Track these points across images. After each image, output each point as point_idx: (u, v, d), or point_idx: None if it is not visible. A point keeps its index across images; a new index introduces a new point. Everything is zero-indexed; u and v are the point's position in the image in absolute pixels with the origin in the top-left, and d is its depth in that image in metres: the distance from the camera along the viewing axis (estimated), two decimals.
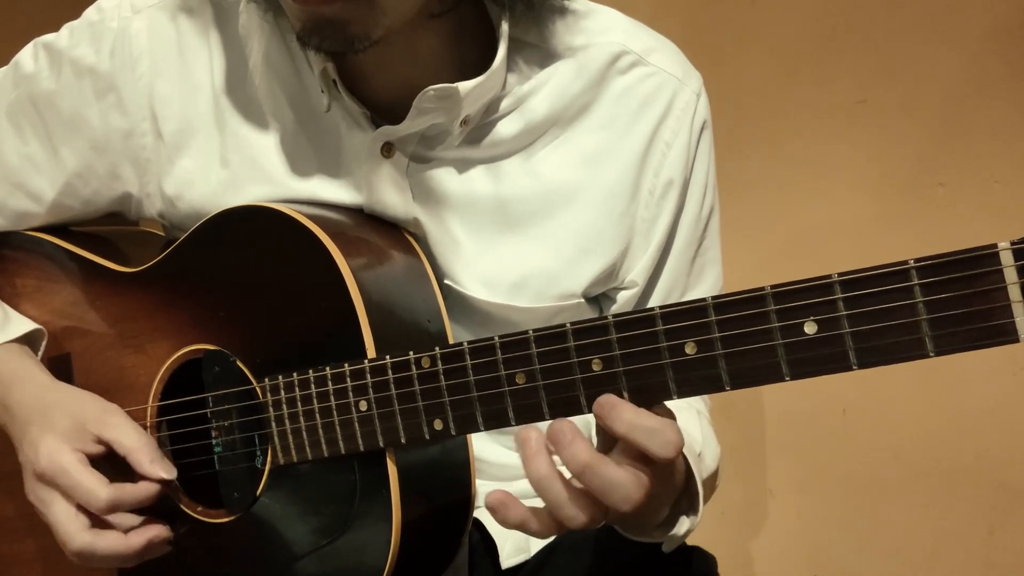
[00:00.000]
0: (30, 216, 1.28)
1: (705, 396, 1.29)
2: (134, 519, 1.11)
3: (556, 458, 0.89)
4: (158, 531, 1.12)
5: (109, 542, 1.09)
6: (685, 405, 1.18)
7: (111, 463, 1.12)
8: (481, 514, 1.22)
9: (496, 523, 1.20)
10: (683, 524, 1.06)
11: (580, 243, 1.17)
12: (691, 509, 1.07)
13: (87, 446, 1.11)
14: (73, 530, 1.09)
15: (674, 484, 1.00)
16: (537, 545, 1.25)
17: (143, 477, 1.10)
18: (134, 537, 1.10)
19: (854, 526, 2.03)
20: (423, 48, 1.11)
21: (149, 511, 1.13)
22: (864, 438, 2.00)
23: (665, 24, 1.28)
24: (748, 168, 2.04)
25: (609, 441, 0.90)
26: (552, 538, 1.24)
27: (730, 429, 2.09)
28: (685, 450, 1.03)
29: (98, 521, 1.10)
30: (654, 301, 1.22)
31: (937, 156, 1.90)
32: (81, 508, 1.09)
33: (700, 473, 1.07)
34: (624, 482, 0.86)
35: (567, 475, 0.89)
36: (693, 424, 1.15)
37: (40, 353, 1.27)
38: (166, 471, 1.10)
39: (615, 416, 0.86)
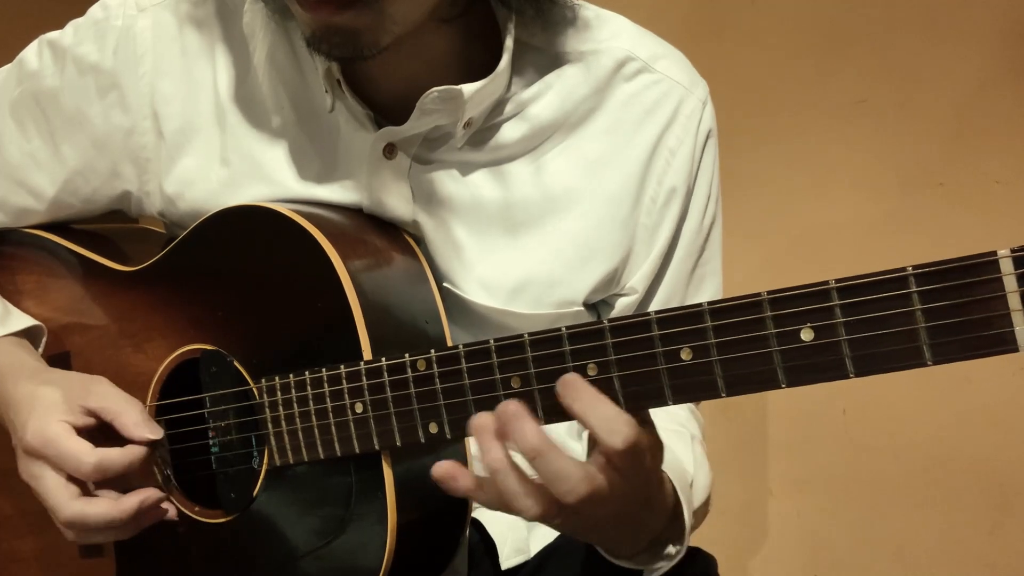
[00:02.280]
0: (30, 213, 1.28)
1: (699, 415, 1.28)
2: (125, 487, 1.11)
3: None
4: (149, 493, 1.11)
5: (101, 508, 1.09)
6: (677, 428, 1.18)
7: (102, 434, 1.12)
8: (481, 515, 1.21)
9: (496, 524, 1.21)
10: (669, 550, 1.05)
11: (581, 249, 1.17)
12: (678, 539, 1.06)
13: (74, 417, 1.11)
14: (63, 499, 1.09)
15: (657, 507, 1.00)
16: (536, 546, 1.25)
17: (129, 440, 1.10)
18: (125, 501, 1.10)
19: (854, 526, 2.03)
20: (430, 50, 1.11)
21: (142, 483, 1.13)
22: (864, 438, 2.00)
23: (665, 24, 1.28)
24: (748, 168, 2.04)
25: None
26: (551, 540, 1.25)
27: (730, 429, 2.10)
28: (676, 481, 1.03)
29: (88, 491, 1.10)
30: (652, 309, 1.22)
31: (937, 156, 1.90)
32: (72, 478, 1.09)
33: (690, 503, 1.06)
34: (572, 474, 0.86)
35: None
36: (685, 451, 1.14)
37: (40, 350, 1.27)
38: (152, 432, 1.10)
39: (575, 395, 0.87)
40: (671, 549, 1.05)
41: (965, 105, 1.86)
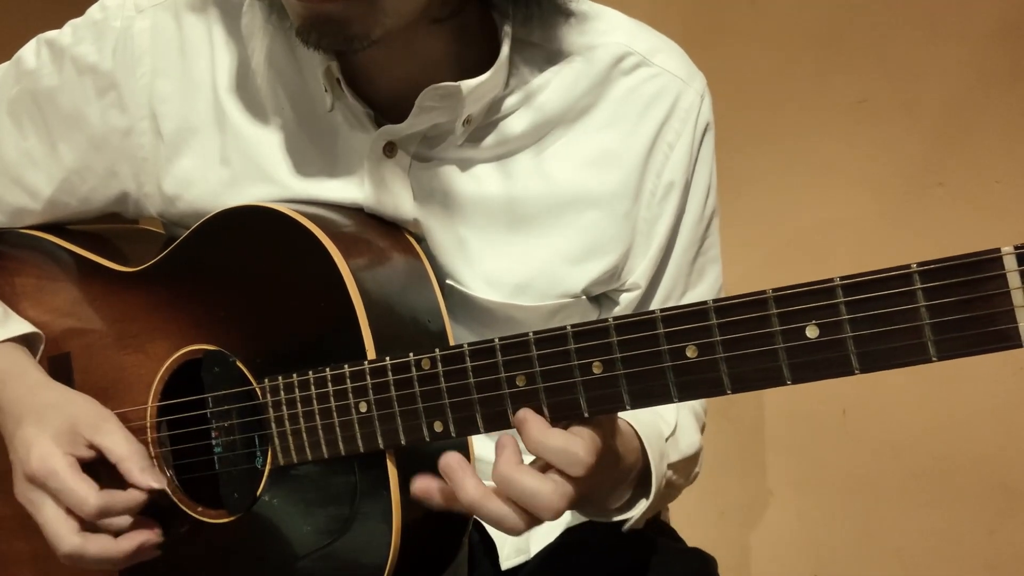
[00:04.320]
0: (27, 212, 1.28)
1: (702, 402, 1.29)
2: (125, 522, 1.12)
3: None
4: (148, 535, 1.12)
5: (99, 546, 1.10)
6: None
7: (103, 467, 1.12)
8: None
9: None
10: (639, 507, 1.08)
11: (584, 244, 1.17)
12: (646, 493, 1.08)
13: (79, 450, 1.11)
14: (63, 533, 1.09)
15: (621, 470, 1.03)
16: (536, 546, 1.25)
17: (133, 485, 1.11)
18: (124, 541, 1.10)
19: (854, 526, 2.04)
20: (426, 49, 1.11)
21: (146, 511, 1.13)
22: (864, 438, 2.00)
23: (665, 24, 1.27)
24: (748, 167, 2.04)
25: None
26: (552, 540, 1.25)
27: (730, 429, 2.10)
28: (649, 434, 1.07)
29: (87, 524, 1.10)
30: (655, 302, 1.22)
31: (937, 156, 1.90)
32: (71, 511, 1.09)
33: (661, 457, 1.09)
34: (541, 491, 0.90)
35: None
36: (669, 409, 1.16)
37: (38, 356, 1.26)
38: (156, 481, 1.11)
39: (524, 434, 0.91)
40: (642, 504, 1.08)
41: (965, 105, 1.86)
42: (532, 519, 0.91)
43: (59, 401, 1.17)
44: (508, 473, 0.90)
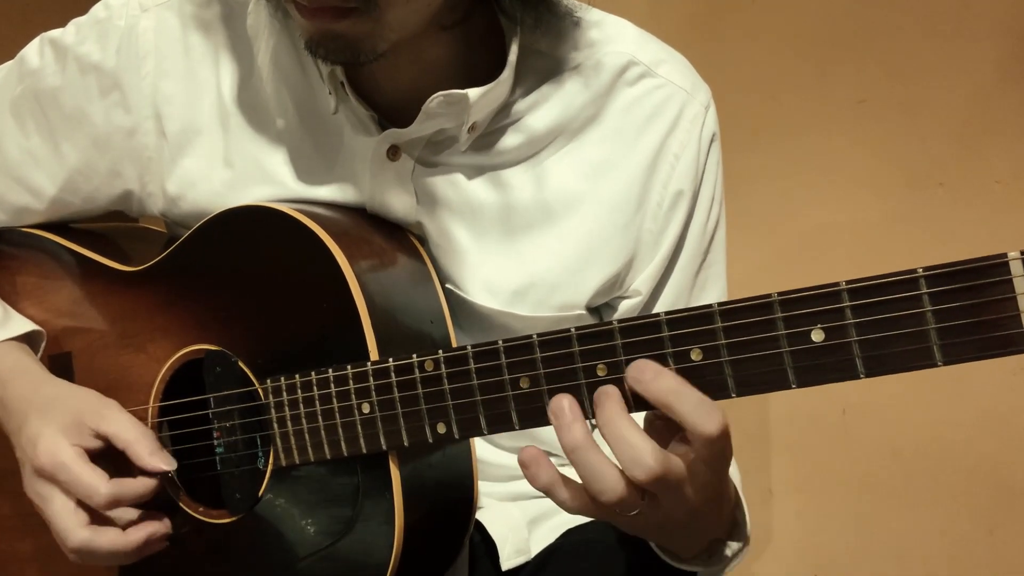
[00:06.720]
0: (30, 212, 1.28)
1: None
2: (133, 515, 1.12)
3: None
4: (157, 526, 1.12)
5: (109, 538, 1.09)
6: None
7: (109, 458, 1.12)
8: (482, 515, 1.21)
9: (497, 525, 1.21)
10: (728, 548, 1.04)
11: (583, 253, 1.17)
12: (738, 536, 1.06)
13: (86, 440, 1.11)
14: (72, 526, 1.09)
15: (725, 503, 0.99)
16: (537, 547, 1.25)
17: (142, 471, 1.10)
18: (133, 533, 1.10)
19: (854, 526, 2.04)
20: (432, 55, 1.11)
21: (150, 510, 1.13)
22: (864, 438, 2.00)
23: (664, 24, 1.28)
24: (748, 168, 2.03)
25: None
26: (552, 541, 1.25)
27: (730, 429, 2.10)
28: (733, 476, 1.03)
29: (96, 517, 1.10)
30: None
31: (937, 156, 1.90)
32: (80, 504, 1.09)
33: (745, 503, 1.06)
34: (608, 475, 0.84)
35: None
36: None
37: (39, 354, 1.26)
38: (166, 463, 1.10)
39: (659, 382, 0.84)
40: (731, 547, 1.05)
41: (965, 105, 1.86)
42: (631, 493, 0.85)
43: (62, 394, 1.17)
44: (583, 442, 0.85)
